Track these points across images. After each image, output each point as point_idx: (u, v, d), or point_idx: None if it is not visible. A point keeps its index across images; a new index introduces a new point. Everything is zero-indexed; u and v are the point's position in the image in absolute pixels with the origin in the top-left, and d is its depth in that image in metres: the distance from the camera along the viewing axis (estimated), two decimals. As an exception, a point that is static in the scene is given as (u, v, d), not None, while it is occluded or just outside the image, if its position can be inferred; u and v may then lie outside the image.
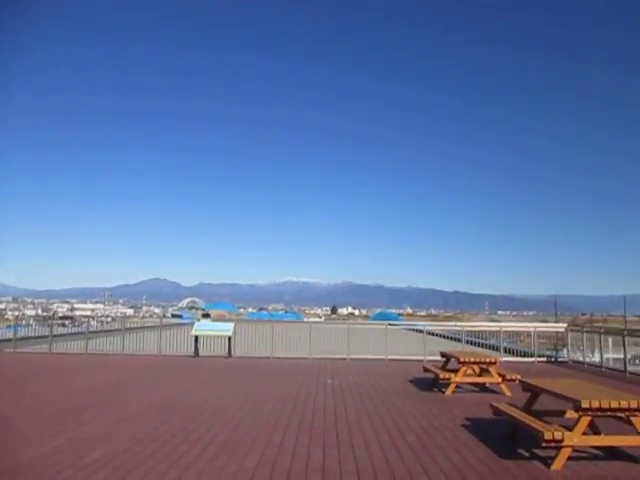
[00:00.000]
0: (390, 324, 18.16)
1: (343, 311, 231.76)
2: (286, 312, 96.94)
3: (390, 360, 15.40)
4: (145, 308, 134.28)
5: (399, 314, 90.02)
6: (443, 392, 9.71)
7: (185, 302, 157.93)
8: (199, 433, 6.36)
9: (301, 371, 12.76)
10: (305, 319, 49.38)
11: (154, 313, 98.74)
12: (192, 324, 17.16)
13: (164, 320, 19.46)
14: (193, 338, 15.96)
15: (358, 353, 15.81)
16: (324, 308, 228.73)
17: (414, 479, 4.77)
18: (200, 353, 15.89)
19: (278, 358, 15.59)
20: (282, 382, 10.89)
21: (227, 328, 16.08)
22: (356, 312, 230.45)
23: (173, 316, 54.93)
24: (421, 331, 17.12)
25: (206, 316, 37.04)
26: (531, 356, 16.23)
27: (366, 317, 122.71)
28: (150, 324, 20.17)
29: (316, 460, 5.30)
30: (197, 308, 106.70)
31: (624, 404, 5.18)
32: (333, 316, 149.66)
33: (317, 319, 61.76)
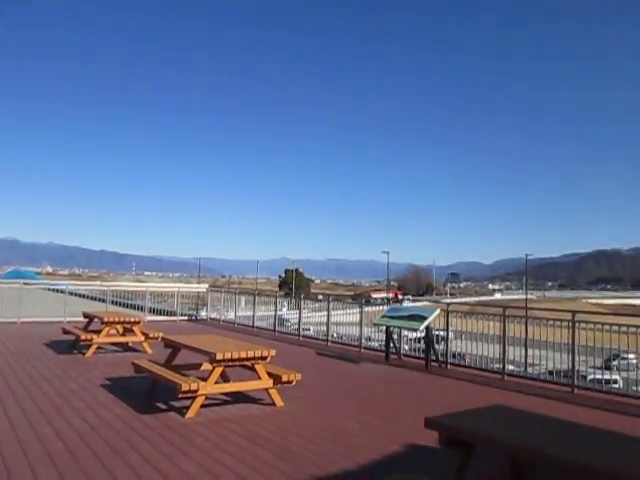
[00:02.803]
0: (25, 283, 16.42)
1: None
2: None
3: (23, 323, 13.97)
4: None
5: (37, 273, 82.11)
6: (84, 354, 9.36)
7: None
8: None
9: None
10: None
11: None
12: None
13: None
14: None
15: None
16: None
17: (44, 443, 4.54)
18: None
19: None
20: None
21: None
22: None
23: None
24: (62, 291, 16.05)
25: None
26: (175, 315, 16.99)
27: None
28: None
29: None
30: None
31: (250, 354, 5.97)
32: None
33: None
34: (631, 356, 7.96)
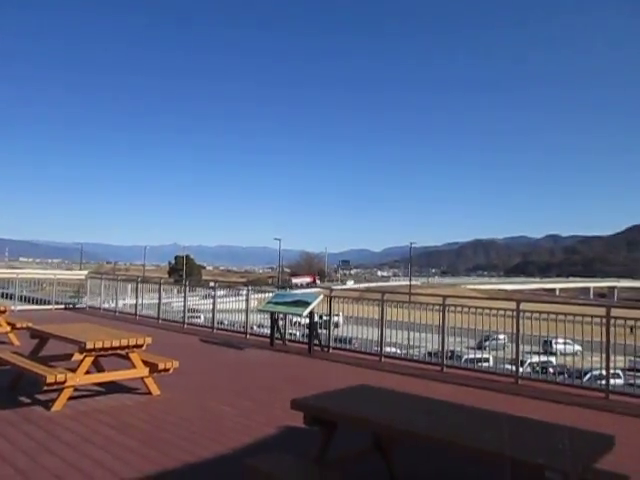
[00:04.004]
0: None
1: None
2: None
3: None
4: None
5: None
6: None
7: None
8: None
9: None
10: None
11: None
12: None
13: None
14: None
15: None
16: None
17: None
18: None
19: None
20: None
21: None
22: None
23: None
24: None
25: None
26: (50, 304, 15.93)
27: None
28: None
29: None
30: None
31: (124, 342, 5.77)
32: None
33: None
34: (501, 336, 8.64)
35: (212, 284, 13.43)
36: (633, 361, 7.63)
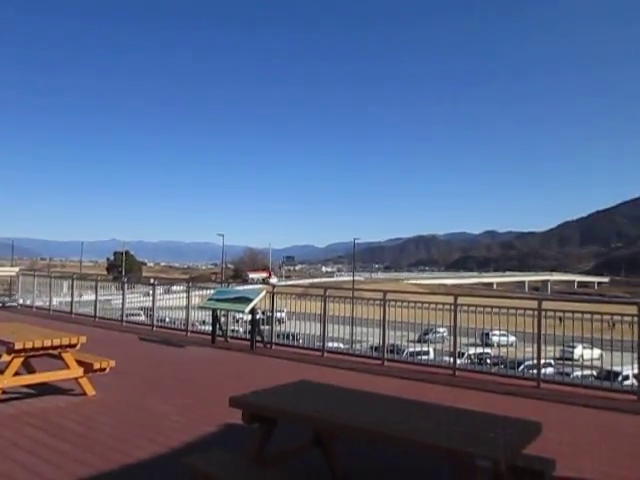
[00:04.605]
0: None
1: None
2: None
3: None
4: None
5: None
6: None
7: None
8: None
9: None
10: None
11: None
12: None
13: None
14: None
15: None
16: None
17: None
18: None
19: None
20: None
21: None
22: None
23: None
24: None
25: None
26: (-24, 303, 15.12)
27: None
28: None
29: None
30: None
31: (56, 342, 5.54)
32: None
33: None
34: (442, 330, 8.85)
35: (152, 281, 13.09)
36: (562, 350, 8.00)
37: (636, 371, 6.72)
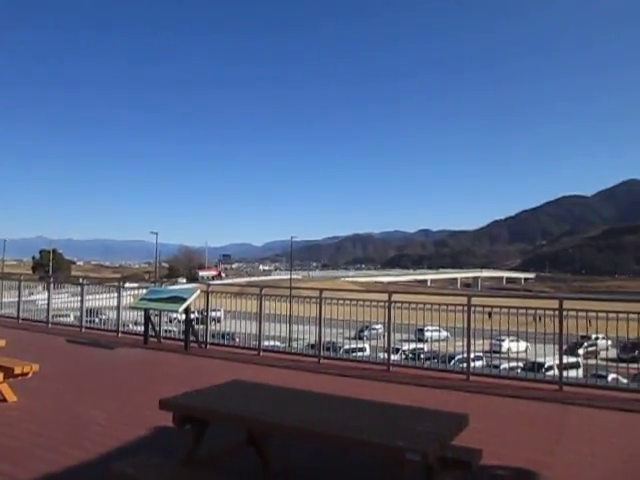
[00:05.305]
0: None
1: None
2: None
3: None
4: None
5: None
6: None
7: None
8: None
9: None
10: None
11: None
12: None
13: None
14: None
15: None
16: None
17: None
18: None
19: None
20: None
21: None
22: None
23: None
24: None
25: None
26: None
27: None
28: None
29: None
30: None
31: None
32: None
33: None
34: (378, 326, 8.98)
35: (81, 280, 12.58)
36: (491, 344, 8.32)
37: (557, 362, 7.09)
